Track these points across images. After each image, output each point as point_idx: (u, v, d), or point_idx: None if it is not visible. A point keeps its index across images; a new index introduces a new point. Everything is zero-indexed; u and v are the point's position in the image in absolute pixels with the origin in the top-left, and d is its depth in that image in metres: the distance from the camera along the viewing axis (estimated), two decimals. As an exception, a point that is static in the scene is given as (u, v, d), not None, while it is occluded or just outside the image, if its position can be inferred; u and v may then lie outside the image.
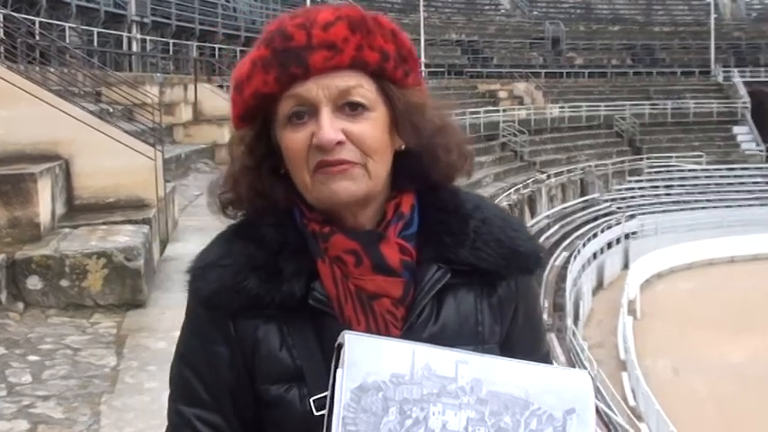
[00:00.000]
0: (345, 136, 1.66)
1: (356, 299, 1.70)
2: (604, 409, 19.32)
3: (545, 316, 26.28)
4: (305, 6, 1.79)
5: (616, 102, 55.56)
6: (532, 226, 37.56)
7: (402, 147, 1.75)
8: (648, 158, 51.54)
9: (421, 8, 58.70)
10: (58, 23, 30.27)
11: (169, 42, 40.19)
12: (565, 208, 43.16)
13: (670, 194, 48.67)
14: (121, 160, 11.97)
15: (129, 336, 8.52)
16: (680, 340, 29.02)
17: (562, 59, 65.00)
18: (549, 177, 43.96)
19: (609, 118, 54.41)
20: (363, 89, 1.69)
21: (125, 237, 10.17)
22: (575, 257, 33.93)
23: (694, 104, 57.17)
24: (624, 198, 47.10)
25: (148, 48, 38.57)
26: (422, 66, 55.66)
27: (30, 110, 11.38)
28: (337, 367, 1.53)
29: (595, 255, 37.98)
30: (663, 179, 50.16)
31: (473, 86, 55.14)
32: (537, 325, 1.94)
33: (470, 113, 43.59)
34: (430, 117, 1.76)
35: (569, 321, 27.87)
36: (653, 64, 65.22)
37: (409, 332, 1.71)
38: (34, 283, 9.42)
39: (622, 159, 50.62)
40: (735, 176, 51.28)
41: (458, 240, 1.77)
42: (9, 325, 8.79)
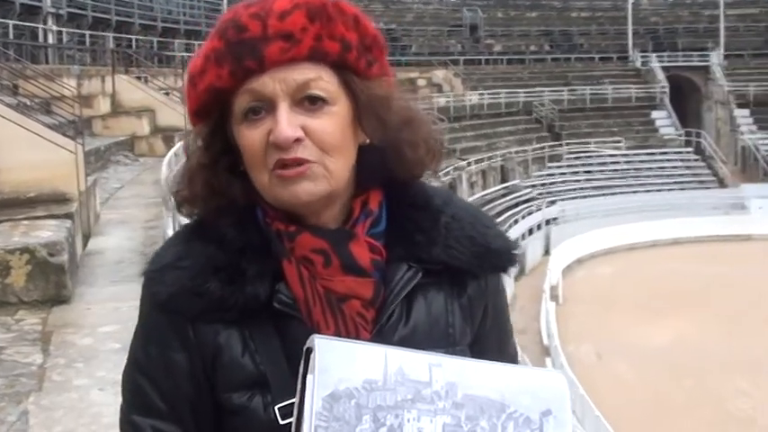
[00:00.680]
0: (304, 132, 1.58)
1: (325, 301, 1.63)
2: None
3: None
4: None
5: (535, 88, 55.88)
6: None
7: (366, 141, 1.67)
8: (568, 144, 51.97)
9: (339, -4, 58.45)
10: (-28, 16, 29.72)
11: (85, 34, 39.67)
12: (486, 195, 43.32)
13: (590, 180, 49.21)
14: (42, 154, 11.76)
15: (55, 332, 8.34)
16: (602, 325, 29.34)
17: (480, 46, 65.18)
18: (470, 164, 44.14)
19: (528, 104, 54.71)
20: (323, 82, 1.60)
21: (48, 232, 9.99)
22: (497, 244, 33.97)
23: (613, 90, 57.67)
24: (544, 184, 47.54)
25: (65, 40, 37.99)
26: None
27: (-56, 104, 11.16)
28: (306, 373, 1.46)
29: (517, 241, 38.06)
30: (583, 165, 50.67)
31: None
32: (505, 324, 1.88)
33: (390, 102, 43.45)
34: (396, 110, 1.68)
35: (493, 308, 27.92)
36: (571, 50, 65.65)
37: (379, 335, 1.64)
38: (-45, 281, 9.22)
39: (542, 145, 50.91)
40: (654, 161, 52.00)
41: (429, 238, 1.70)
42: (-70, 325, 8.58)
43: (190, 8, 54.59)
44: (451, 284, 1.73)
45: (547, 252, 39.79)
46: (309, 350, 1.47)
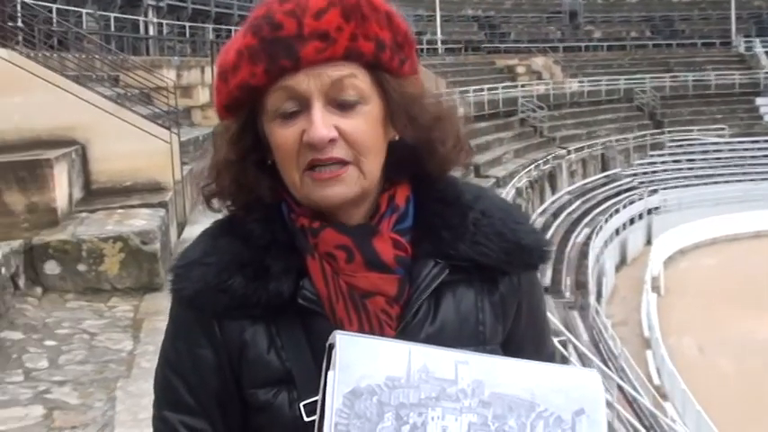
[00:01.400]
0: (338, 132, 1.57)
1: (348, 297, 1.62)
2: (629, 390, 19.15)
3: (567, 294, 26.18)
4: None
5: (636, 75, 54.95)
6: (553, 202, 37.56)
7: (396, 137, 1.66)
8: (670, 132, 51.05)
9: (437, -16, 58.40)
10: (75, 9, 30.24)
11: (185, 25, 40.10)
12: (586, 184, 42.85)
13: (692, 168, 48.27)
14: (137, 144, 12.00)
15: (146, 319, 8.51)
16: (705, 317, 28.82)
17: (580, 33, 64.52)
18: (570, 153, 43.69)
19: (629, 91, 53.83)
20: (357, 80, 1.59)
21: (141, 220, 10.21)
22: (597, 234, 33.70)
23: (715, 76, 56.38)
24: (646, 173, 46.76)
25: (165, 31, 38.49)
26: (438, 42, 56.01)
27: (46, 96, 11.46)
28: (328, 370, 1.45)
29: (618, 231, 37.81)
30: (685, 153, 49.70)
31: (491, 62, 54.81)
32: (541, 323, 1.85)
33: (489, 90, 43.43)
34: (426, 107, 1.67)
35: (592, 299, 27.67)
36: (672, 35, 64.59)
37: (405, 332, 1.62)
38: (52, 268, 9.49)
39: (643, 133, 50.11)
40: (758, 149, 50.68)
41: (456, 234, 1.67)
42: (27, 310, 8.82)
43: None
44: (482, 282, 1.70)
45: (648, 242, 39.27)
46: (332, 346, 1.46)
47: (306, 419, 1.56)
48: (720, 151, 49.99)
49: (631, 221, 39.78)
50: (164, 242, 10.00)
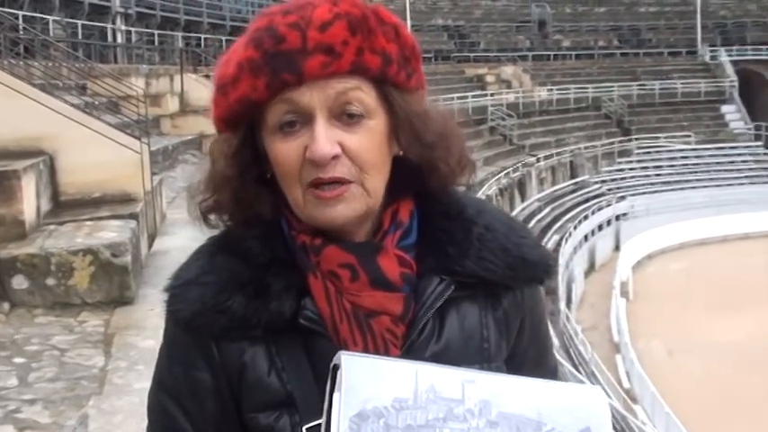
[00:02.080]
0: (342, 148, 1.50)
1: (352, 317, 1.55)
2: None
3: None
4: (296, -4, 1.59)
5: (604, 83, 55.66)
6: (523, 209, 37.78)
7: (400, 153, 1.60)
8: (637, 139, 51.73)
9: (407, -7, 58.57)
10: (42, 17, 30.14)
11: (154, 33, 40.06)
12: (555, 191, 43.29)
13: (660, 175, 48.88)
14: (107, 154, 11.81)
15: (117, 334, 8.38)
16: (673, 321, 29.12)
17: (549, 42, 64.96)
18: (539, 160, 44.09)
19: (597, 99, 54.53)
20: (362, 93, 1.52)
21: (112, 232, 10.05)
22: (566, 240, 34.11)
23: (682, 84, 57.22)
24: (614, 179, 47.28)
25: (133, 39, 38.40)
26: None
27: (11, 105, 11.23)
28: (333, 392, 1.39)
29: (587, 237, 38.22)
30: (652, 160, 50.36)
31: (460, 71, 55.19)
32: (544, 338, 1.80)
33: (458, 98, 43.62)
34: (431, 124, 1.61)
35: (562, 305, 27.89)
36: (640, 45, 65.22)
37: (410, 351, 1.56)
38: (20, 283, 9.29)
39: (611, 141, 50.80)
40: (724, 156, 51.46)
41: (462, 250, 1.62)
42: (-6, 327, 8.66)
43: (258, 6, 54.89)
44: (486, 297, 1.65)
45: (617, 248, 39.61)
46: (336, 367, 1.40)
47: None
48: (687, 158, 50.70)
49: (600, 228, 40.18)
50: (135, 255, 9.86)
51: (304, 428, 1.52)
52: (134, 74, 24.91)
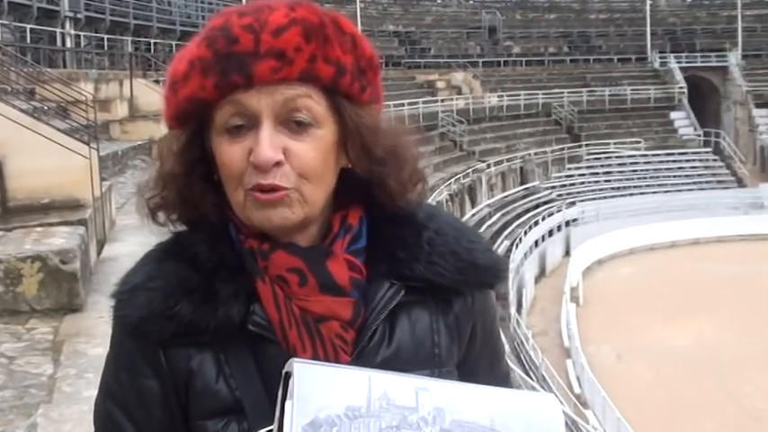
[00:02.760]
0: (285, 155, 1.49)
1: (301, 322, 1.53)
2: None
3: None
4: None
5: (554, 89, 56.00)
6: (474, 215, 37.85)
7: (349, 165, 1.58)
8: (587, 145, 52.02)
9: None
10: (-10, 21, 29.83)
11: (103, 38, 39.77)
12: (505, 197, 43.45)
13: (609, 181, 49.28)
14: (56, 159, 11.70)
15: (67, 341, 8.26)
16: (623, 326, 29.28)
17: (499, 48, 65.22)
18: (489, 166, 44.21)
19: (547, 106, 54.77)
20: (312, 101, 1.50)
21: (60, 239, 9.91)
22: (516, 246, 34.23)
23: (631, 91, 57.70)
24: (564, 185, 47.58)
25: (82, 44, 38.13)
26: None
27: (-42, 111, 11.12)
28: (285, 399, 1.37)
29: (537, 242, 38.39)
30: (602, 166, 50.75)
31: (411, 77, 55.29)
32: (495, 343, 1.78)
33: (409, 104, 43.62)
34: (383, 139, 1.58)
35: (513, 310, 28.00)
36: (590, 51, 65.66)
37: (360, 357, 1.55)
38: (-33, 290, 9.16)
39: (561, 147, 51.06)
40: (673, 161, 52.03)
41: (412, 254, 1.60)
42: (-59, 334, 8.53)
43: (209, 11, 54.65)
44: (437, 303, 1.64)
45: (567, 253, 39.73)
46: (288, 375, 1.39)
47: None
48: (636, 164, 51.15)
49: (550, 233, 40.37)
50: (84, 261, 9.75)
51: None
52: (83, 79, 24.74)
